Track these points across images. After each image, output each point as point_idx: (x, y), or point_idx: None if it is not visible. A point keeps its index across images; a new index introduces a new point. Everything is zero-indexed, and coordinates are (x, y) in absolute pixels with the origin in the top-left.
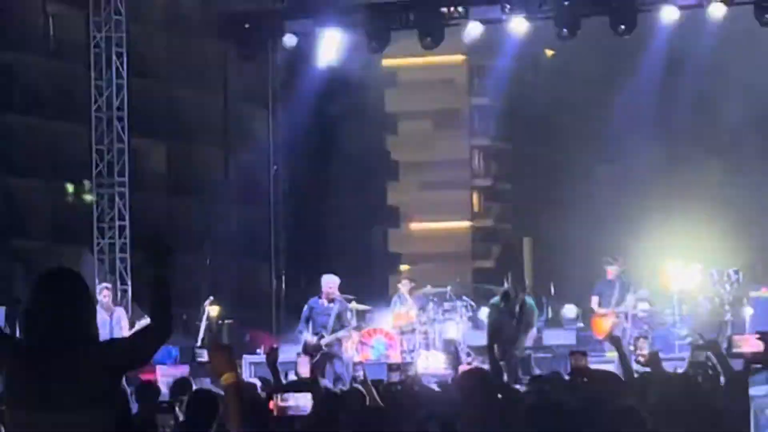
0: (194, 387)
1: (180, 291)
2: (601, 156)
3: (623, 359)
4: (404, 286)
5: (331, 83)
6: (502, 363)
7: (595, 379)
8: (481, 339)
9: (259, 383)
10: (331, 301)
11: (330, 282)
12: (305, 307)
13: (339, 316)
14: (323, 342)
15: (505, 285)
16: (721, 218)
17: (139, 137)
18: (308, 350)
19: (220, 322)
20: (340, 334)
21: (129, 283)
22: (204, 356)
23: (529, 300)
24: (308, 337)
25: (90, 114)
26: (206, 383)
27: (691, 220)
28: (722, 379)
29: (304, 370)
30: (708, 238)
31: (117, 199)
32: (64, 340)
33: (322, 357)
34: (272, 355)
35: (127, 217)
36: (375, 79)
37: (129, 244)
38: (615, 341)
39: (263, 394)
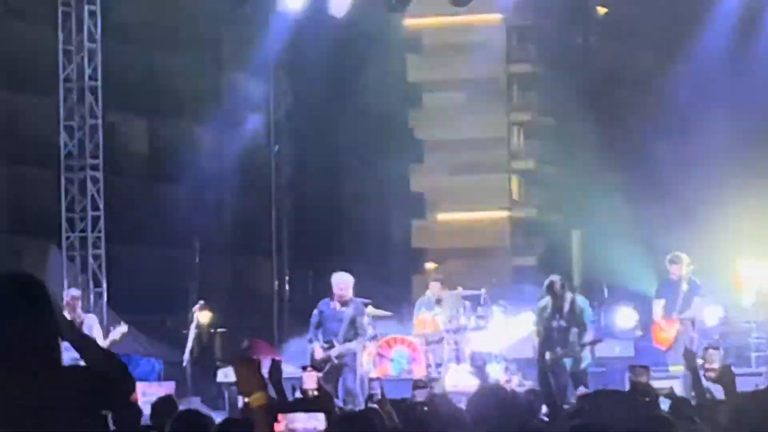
0: (180, 407)
1: (164, 294)
2: (663, 134)
3: (695, 378)
4: (434, 287)
5: (343, 48)
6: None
7: (658, 399)
8: (522, 350)
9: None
10: (343, 304)
11: (342, 282)
12: (315, 312)
13: (353, 322)
14: (333, 353)
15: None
16: None
17: (115, 112)
18: (315, 363)
19: (212, 331)
20: (353, 344)
21: (104, 284)
22: (226, 375)
23: (581, 299)
24: (317, 347)
25: (57, 84)
26: (194, 403)
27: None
28: None
29: (311, 386)
30: None
31: (89, 184)
32: (17, 365)
33: (331, 370)
34: (276, 371)
35: (101, 207)
36: (396, 42)
37: (104, 239)
38: (688, 357)
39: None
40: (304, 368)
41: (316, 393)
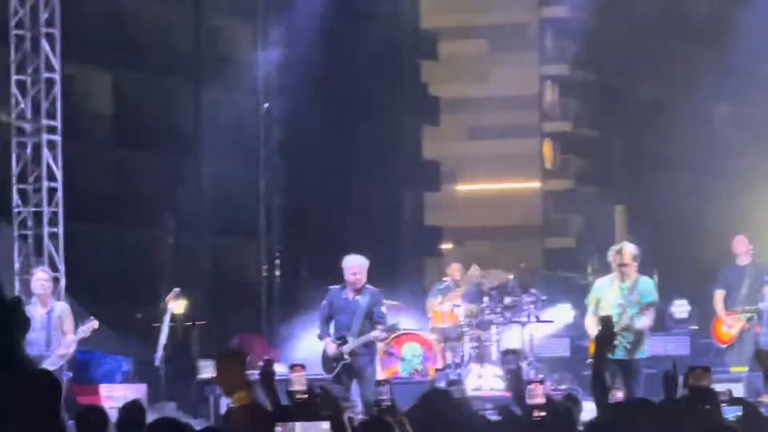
0: (152, 415)
1: (133, 280)
2: (725, 93)
3: None
4: (455, 272)
5: None
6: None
7: (719, 406)
8: (557, 348)
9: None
10: (357, 292)
11: (356, 266)
12: (323, 303)
13: (369, 314)
14: (345, 348)
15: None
16: None
17: (76, 64)
18: (326, 362)
19: (188, 324)
20: (369, 336)
21: (62, 268)
22: (206, 370)
23: (645, 278)
24: (329, 343)
25: (7, 32)
26: (169, 409)
27: None
28: None
29: (299, 388)
30: None
31: (45, 150)
32: None
33: (344, 370)
34: (268, 372)
35: (59, 177)
36: None
37: (62, 215)
38: (763, 358)
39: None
40: (291, 367)
41: (305, 396)
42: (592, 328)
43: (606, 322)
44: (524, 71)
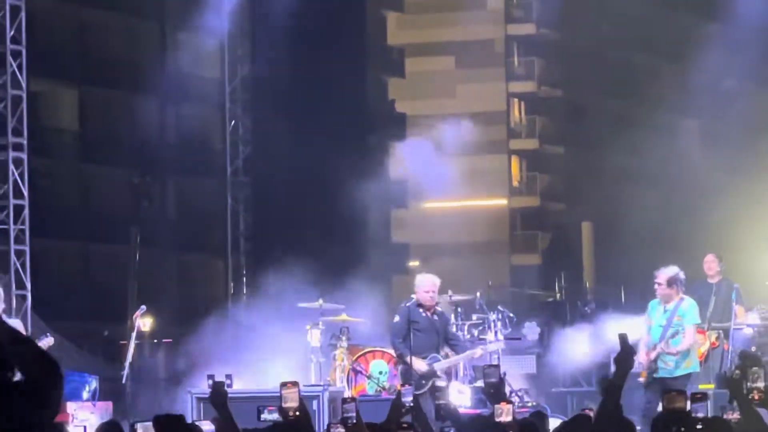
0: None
1: (99, 298)
2: (688, 109)
3: (741, 400)
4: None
5: (312, 3)
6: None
7: (695, 428)
8: (525, 365)
9: (211, 428)
10: (431, 310)
11: (429, 284)
12: (399, 321)
13: (446, 333)
14: (438, 366)
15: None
16: None
17: (42, 80)
18: (413, 379)
19: (155, 341)
20: (470, 353)
21: (29, 286)
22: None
23: (688, 300)
24: (419, 361)
25: None
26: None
27: None
28: None
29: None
30: None
31: (11, 167)
32: None
33: (432, 390)
34: (219, 392)
35: (25, 194)
36: None
37: (28, 232)
38: (733, 383)
39: None
40: (283, 384)
41: (298, 414)
42: (642, 344)
43: (621, 340)
44: (491, 88)
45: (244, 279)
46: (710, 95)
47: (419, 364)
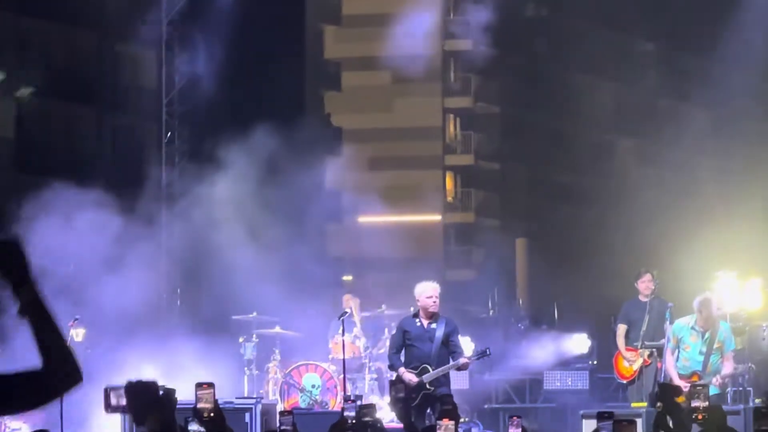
0: None
1: None
2: (628, 127)
3: (676, 420)
4: (349, 303)
5: (249, 16)
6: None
7: None
8: (457, 381)
9: None
10: (431, 319)
11: (430, 290)
12: (395, 334)
13: (446, 341)
14: (427, 378)
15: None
16: None
17: None
18: (399, 393)
19: (87, 351)
20: (457, 363)
21: None
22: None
23: (725, 325)
24: (406, 373)
25: None
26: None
27: (751, 219)
28: None
29: (208, 406)
30: None
31: None
32: None
33: (423, 399)
34: (168, 400)
35: None
36: (310, 12)
37: None
38: (666, 398)
39: None
40: (198, 385)
41: (212, 415)
42: (671, 366)
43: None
44: (427, 103)
45: (178, 291)
46: (646, 114)
47: (407, 376)
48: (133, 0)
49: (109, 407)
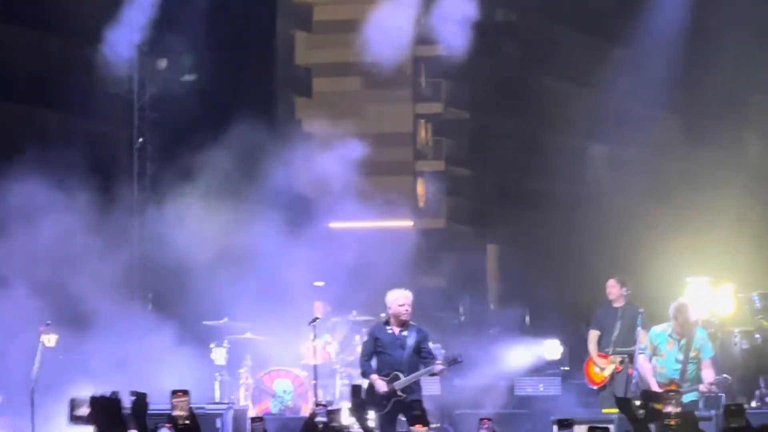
0: None
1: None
2: (596, 133)
3: (658, 427)
4: (320, 310)
5: (220, 22)
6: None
7: None
8: (428, 386)
9: None
10: (402, 326)
11: (402, 297)
12: (367, 341)
13: (418, 349)
14: (398, 385)
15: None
16: (765, 224)
17: None
18: (375, 400)
19: (60, 357)
20: (430, 369)
21: None
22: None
23: (701, 332)
24: (377, 380)
25: None
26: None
27: (722, 225)
28: None
29: (182, 413)
30: (747, 249)
31: None
32: None
33: (394, 406)
34: (141, 404)
35: None
36: (281, 18)
37: None
38: (624, 406)
39: None
40: (174, 392)
41: (187, 422)
42: (649, 374)
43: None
44: (397, 109)
45: (150, 296)
46: (618, 120)
47: (378, 384)
48: (103, 5)
49: (73, 418)
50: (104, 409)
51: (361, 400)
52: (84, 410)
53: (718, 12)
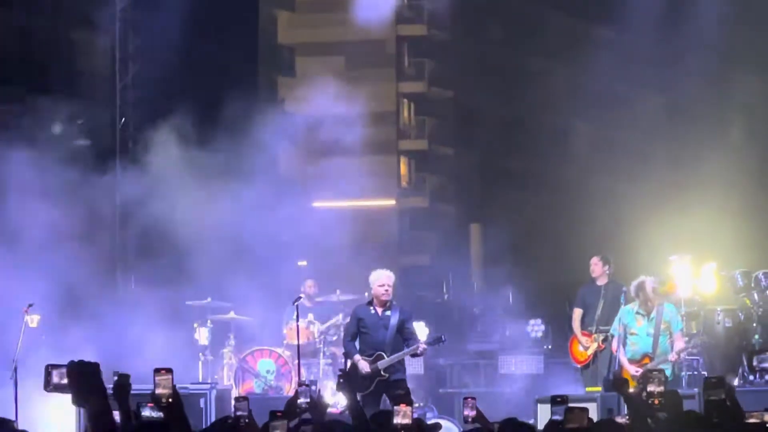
0: None
1: None
2: (580, 112)
3: (632, 405)
4: (309, 288)
5: (201, 2)
6: None
7: None
8: (412, 365)
9: None
10: (385, 307)
11: (384, 278)
12: (350, 321)
13: (401, 329)
14: (382, 364)
15: None
16: (750, 202)
17: None
18: (358, 380)
19: (43, 338)
20: (412, 349)
21: None
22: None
23: (669, 306)
24: (360, 360)
25: None
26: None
27: (705, 204)
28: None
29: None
30: (730, 228)
31: None
32: None
33: (378, 386)
34: (123, 385)
35: None
36: None
37: None
38: (619, 385)
39: None
40: (157, 370)
41: (170, 401)
42: (622, 354)
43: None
44: (381, 88)
45: (133, 278)
46: (601, 99)
47: (361, 364)
48: None
49: (49, 385)
50: (82, 375)
51: (347, 380)
52: (61, 377)
53: None
